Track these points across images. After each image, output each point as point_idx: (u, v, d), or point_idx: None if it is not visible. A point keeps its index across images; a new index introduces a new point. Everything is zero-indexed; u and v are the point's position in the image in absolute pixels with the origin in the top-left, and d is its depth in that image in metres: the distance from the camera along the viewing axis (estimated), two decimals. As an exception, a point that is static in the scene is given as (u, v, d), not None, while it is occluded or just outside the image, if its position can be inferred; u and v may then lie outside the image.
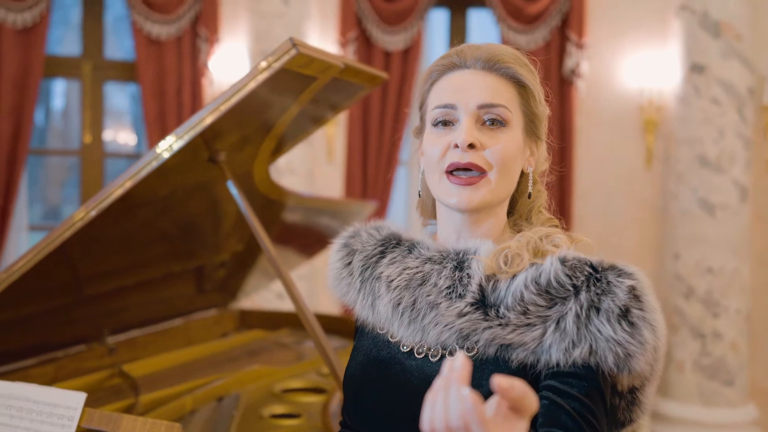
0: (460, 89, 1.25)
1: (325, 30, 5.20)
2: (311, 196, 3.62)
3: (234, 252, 2.96)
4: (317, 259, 3.79)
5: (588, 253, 1.18)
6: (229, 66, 5.09)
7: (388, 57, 5.27)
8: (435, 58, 1.33)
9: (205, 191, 2.48)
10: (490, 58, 1.25)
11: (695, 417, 4.70)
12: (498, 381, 0.78)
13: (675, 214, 4.88)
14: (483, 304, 1.16)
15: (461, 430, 0.78)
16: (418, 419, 0.89)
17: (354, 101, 2.61)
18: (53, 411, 1.43)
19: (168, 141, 2.00)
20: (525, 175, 1.31)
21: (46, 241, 1.98)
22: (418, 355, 1.22)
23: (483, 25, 5.58)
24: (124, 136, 7.38)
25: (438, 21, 5.70)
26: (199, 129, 1.98)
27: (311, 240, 3.39)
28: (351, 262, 1.34)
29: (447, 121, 1.25)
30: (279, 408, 2.33)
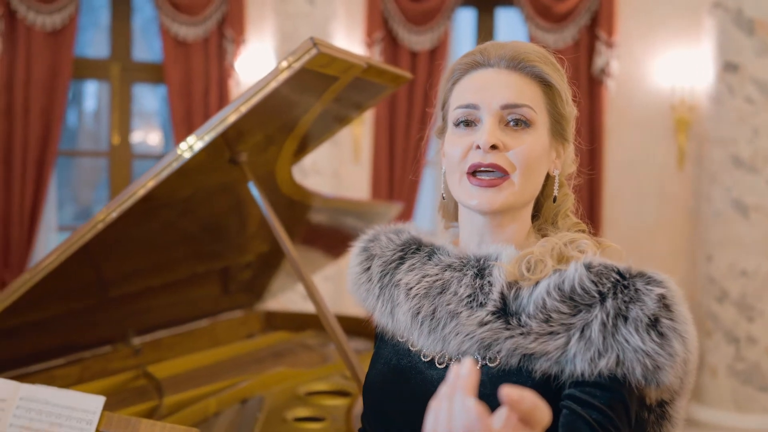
0: (482, 89, 1.21)
1: (352, 30, 5.19)
2: (335, 197, 3.61)
3: (259, 253, 2.95)
4: (343, 260, 3.78)
5: (617, 260, 1.13)
6: (256, 67, 5.11)
7: (414, 57, 5.24)
8: (461, 58, 1.29)
9: (229, 192, 2.48)
10: (514, 56, 1.21)
11: (729, 423, 4.63)
12: (507, 392, 0.75)
13: (708, 215, 4.79)
14: (504, 312, 1.12)
15: None
16: None
17: (378, 101, 2.59)
18: (72, 414, 1.43)
19: (189, 141, 2.00)
20: (551, 178, 1.26)
21: (68, 242, 1.98)
22: (439, 365, 1.19)
23: (511, 25, 5.54)
24: (153, 137, 7.46)
25: (465, 20, 5.67)
26: (220, 129, 1.97)
27: (337, 241, 3.37)
28: (370, 267, 1.30)
29: (469, 122, 1.21)
30: (303, 411, 2.32)
